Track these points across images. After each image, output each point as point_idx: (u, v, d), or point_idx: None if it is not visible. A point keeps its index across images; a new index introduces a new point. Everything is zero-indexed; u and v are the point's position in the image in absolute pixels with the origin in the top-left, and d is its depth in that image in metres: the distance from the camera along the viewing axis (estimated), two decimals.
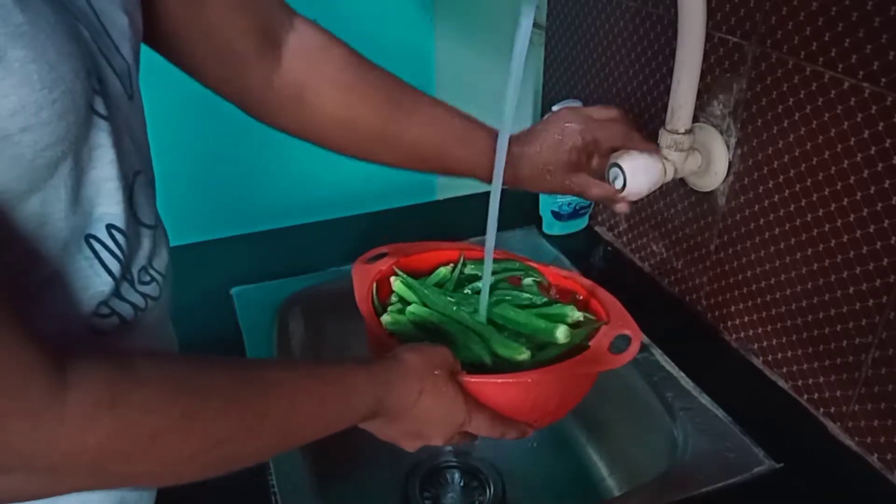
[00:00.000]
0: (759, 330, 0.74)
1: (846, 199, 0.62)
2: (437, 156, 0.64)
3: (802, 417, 0.70)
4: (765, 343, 0.74)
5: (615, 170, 0.74)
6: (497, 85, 1.48)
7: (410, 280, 0.67)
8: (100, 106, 0.39)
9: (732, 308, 0.78)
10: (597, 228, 1.00)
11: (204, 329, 0.82)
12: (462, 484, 0.83)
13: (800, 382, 0.71)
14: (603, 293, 0.65)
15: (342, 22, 1.65)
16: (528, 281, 0.70)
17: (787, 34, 0.64)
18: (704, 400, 0.71)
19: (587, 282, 0.68)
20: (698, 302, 0.83)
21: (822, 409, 0.69)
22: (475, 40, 1.42)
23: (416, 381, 0.52)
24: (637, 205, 0.90)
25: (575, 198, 0.95)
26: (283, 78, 0.58)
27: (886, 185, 0.58)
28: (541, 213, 0.98)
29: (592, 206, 0.98)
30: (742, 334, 0.77)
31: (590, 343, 0.59)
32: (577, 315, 0.63)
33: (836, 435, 0.68)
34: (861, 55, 0.57)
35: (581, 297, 0.67)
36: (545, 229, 0.98)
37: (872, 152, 0.58)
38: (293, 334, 0.86)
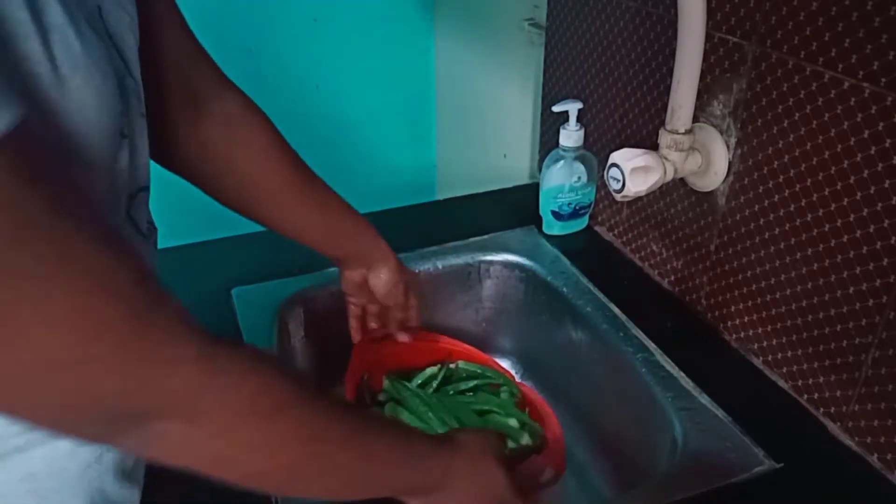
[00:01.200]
0: (759, 330, 0.74)
1: (846, 199, 0.62)
2: (323, 232, 0.69)
3: (802, 417, 0.70)
4: (765, 343, 0.74)
5: (614, 169, 0.74)
6: (496, 85, 1.49)
7: (396, 384, 0.79)
8: (125, 127, 0.40)
9: (732, 308, 0.78)
10: (597, 228, 1.00)
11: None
12: None
13: (800, 382, 0.71)
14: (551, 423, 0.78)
15: (342, 22, 1.67)
16: (504, 396, 0.82)
17: (787, 34, 0.64)
18: (704, 400, 0.71)
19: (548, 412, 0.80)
20: (698, 302, 0.83)
21: (822, 409, 0.69)
22: (475, 40, 1.42)
23: (476, 460, 0.55)
24: (637, 205, 0.90)
25: (575, 198, 0.95)
26: (194, 135, 0.60)
27: (886, 185, 0.58)
28: (541, 212, 0.98)
29: (592, 206, 0.98)
30: (742, 334, 0.77)
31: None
32: (525, 440, 0.75)
33: (836, 435, 0.68)
34: (861, 55, 0.57)
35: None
36: (545, 229, 0.98)
37: (872, 152, 0.58)
38: (293, 334, 0.86)
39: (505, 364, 0.99)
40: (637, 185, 0.73)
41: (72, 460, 0.47)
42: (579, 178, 0.94)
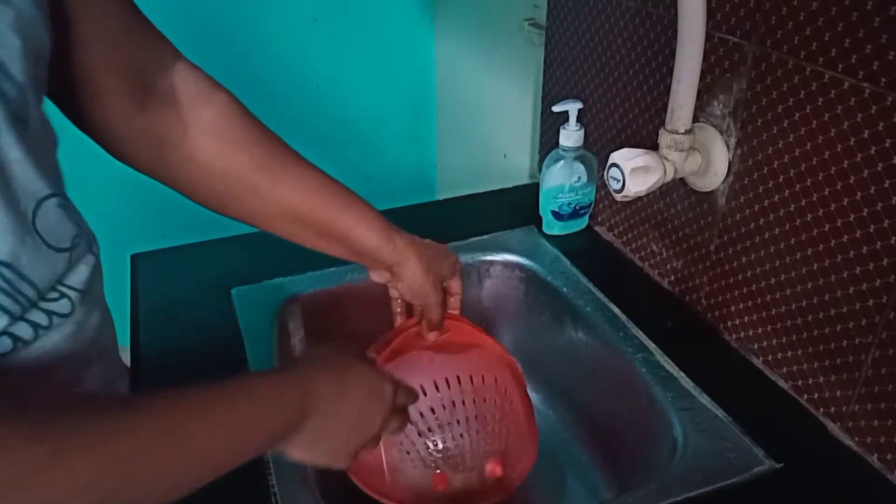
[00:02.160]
0: (759, 330, 0.74)
1: (846, 199, 0.62)
2: (315, 220, 0.61)
3: (802, 417, 0.70)
4: (765, 343, 0.74)
5: (614, 169, 0.74)
6: (496, 85, 1.50)
7: None
8: None
9: (732, 308, 0.78)
10: (597, 228, 1.00)
11: (204, 329, 0.82)
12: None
13: (800, 382, 0.71)
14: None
15: (342, 22, 1.67)
16: None
17: (787, 34, 0.64)
18: (704, 400, 0.71)
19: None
20: (698, 302, 0.83)
21: (822, 409, 0.69)
22: (475, 40, 1.42)
23: (336, 369, 0.51)
24: (637, 205, 0.90)
25: (575, 198, 0.95)
26: (147, 121, 0.54)
27: (886, 185, 0.58)
28: (541, 212, 0.98)
29: (592, 206, 0.98)
30: (742, 334, 0.77)
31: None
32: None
33: (836, 435, 0.68)
34: (861, 55, 0.57)
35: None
36: (545, 229, 0.98)
37: (872, 152, 0.58)
38: (293, 334, 0.86)
39: None
40: (637, 185, 0.73)
41: None
42: (579, 178, 0.94)
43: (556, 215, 0.97)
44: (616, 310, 0.83)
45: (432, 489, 0.73)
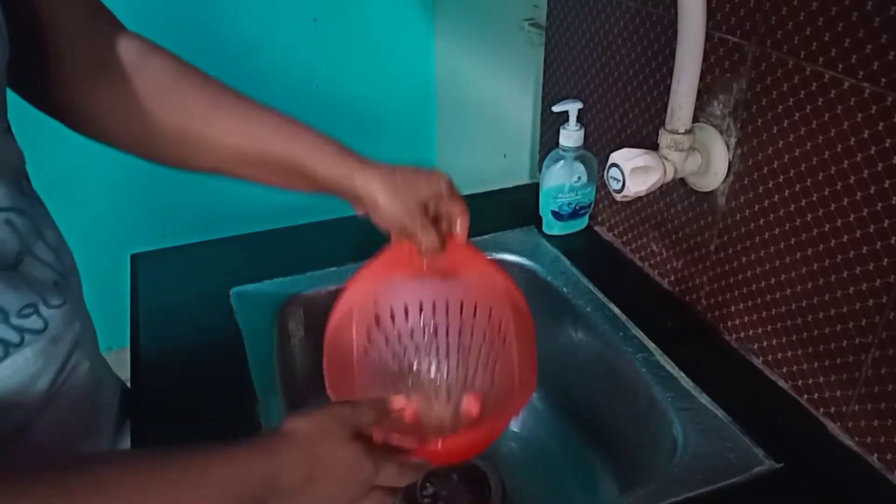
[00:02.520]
0: (759, 330, 0.74)
1: (846, 199, 0.62)
2: (267, 156, 0.60)
3: (802, 417, 0.70)
4: (765, 343, 0.74)
5: (614, 169, 0.74)
6: (496, 85, 1.49)
7: None
8: None
9: (732, 308, 0.78)
10: (597, 228, 1.00)
11: (204, 329, 0.82)
12: (462, 484, 0.83)
13: (800, 382, 0.71)
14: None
15: (342, 22, 1.67)
16: None
17: (787, 34, 0.64)
18: (704, 400, 0.71)
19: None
20: (698, 302, 0.83)
21: (822, 409, 0.69)
22: (475, 40, 1.42)
23: (305, 454, 0.47)
24: (637, 205, 0.90)
25: (575, 198, 0.95)
26: (102, 95, 0.56)
27: (886, 185, 0.58)
28: (541, 213, 0.98)
29: (592, 206, 0.98)
30: (742, 334, 0.77)
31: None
32: None
33: (836, 435, 0.68)
34: (861, 55, 0.57)
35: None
36: (545, 229, 0.98)
37: (872, 152, 0.58)
38: (293, 334, 0.86)
39: None
40: (637, 185, 0.73)
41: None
42: (579, 178, 0.94)
43: (556, 215, 0.97)
44: (616, 310, 0.83)
45: (401, 416, 0.63)
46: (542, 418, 0.92)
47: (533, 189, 1.00)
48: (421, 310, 0.65)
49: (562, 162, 0.93)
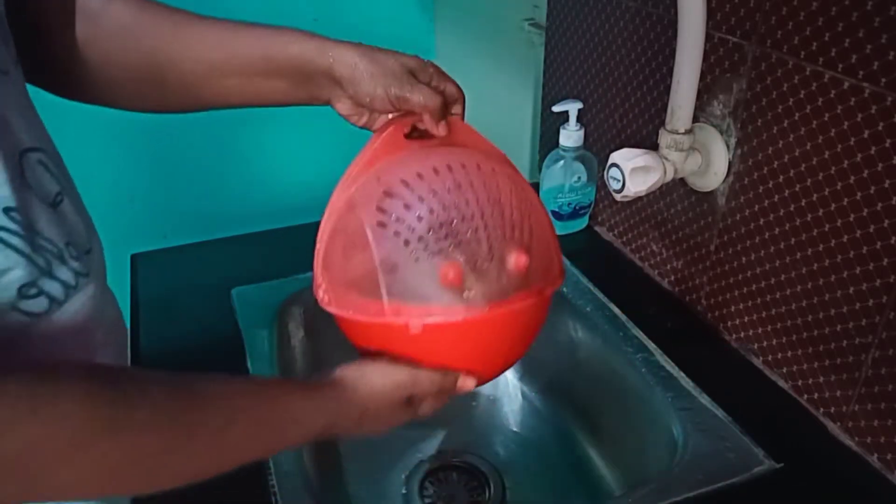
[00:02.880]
0: (759, 330, 0.74)
1: (846, 199, 0.62)
2: (250, 57, 0.59)
3: (802, 417, 0.70)
4: (765, 343, 0.74)
5: (614, 169, 0.74)
6: (496, 85, 1.49)
7: None
8: None
9: (732, 308, 0.78)
10: (597, 228, 1.00)
11: (204, 329, 0.82)
12: (462, 484, 0.83)
13: (800, 382, 0.71)
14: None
15: (342, 22, 1.66)
16: None
17: (787, 34, 0.64)
18: (704, 400, 0.71)
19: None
20: (698, 302, 0.83)
21: (822, 409, 0.69)
22: (475, 40, 1.42)
23: (359, 409, 0.52)
24: (637, 205, 0.90)
25: (575, 198, 0.95)
26: (88, 50, 0.56)
27: (886, 185, 0.58)
28: None
29: (592, 206, 0.98)
30: (742, 334, 0.77)
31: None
32: None
33: (836, 435, 0.68)
34: (861, 55, 0.57)
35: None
36: None
37: (872, 152, 0.58)
38: (293, 334, 0.86)
39: None
40: (637, 185, 0.73)
41: None
42: (579, 178, 0.94)
43: (556, 215, 0.97)
44: (616, 310, 0.83)
45: (440, 284, 0.51)
46: (542, 418, 0.92)
47: (533, 189, 1.00)
48: (437, 172, 0.54)
49: (562, 162, 0.93)
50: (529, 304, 0.54)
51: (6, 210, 0.41)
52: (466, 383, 0.56)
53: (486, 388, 0.98)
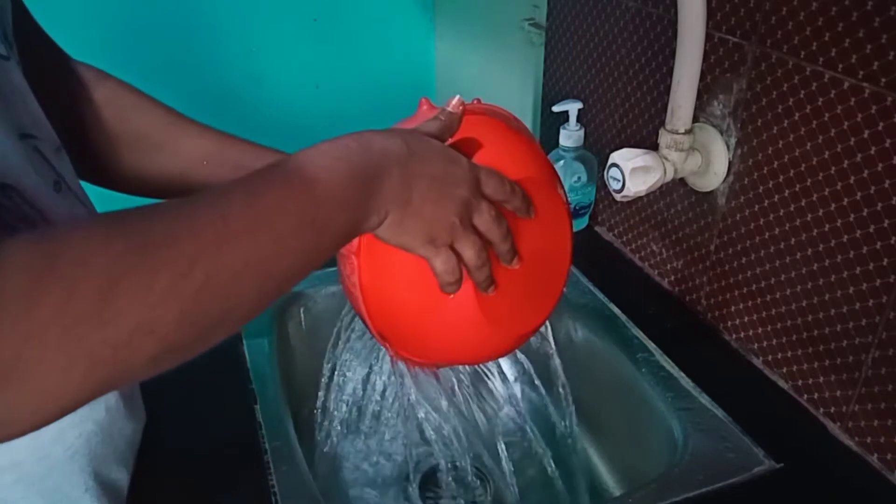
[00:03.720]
0: (759, 330, 0.74)
1: (846, 199, 0.62)
2: (230, 154, 0.59)
3: (802, 417, 0.70)
4: (765, 343, 0.74)
5: (614, 169, 0.74)
6: (496, 85, 1.49)
7: None
8: None
9: (732, 308, 0.78)
10: (597, 228, 1.00)
11: None
12: (462, 484, 0.83)
13: (800, 382, 0.71)
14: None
15: (342, 22, 1.66)
16: None
17: (787, 34, 0.64)
18: (704, 400, 0.71)
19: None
20: (698, 302, 0.83)
21: (822, 409, 0.69)
22: (475, 40, 1.42)
23: (395, 133, 0.44)
24: (637, 205, 0.90)
25: (575, 198, 0.95)
26: (74, 107, 0.57)
27: (886, 185, 0.58)
28: None
29: (592, 206, 0.98)
30: (742, 334, 0.77)
31: None
32: None
33: (836, 435, 0.68)
34: (861, 55, 0.57)
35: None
36: None
37: (872, 152, 0.58)
38: (293, 334, 0.87)
39: (505, 364, 0.99)
40: (637, 185, 0.73)
41: (57, 446, 0.47)
42: (579, 177, 0.94)
43: None
44: (616, 310, 0.83)
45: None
46: (541, 418, 0.92)
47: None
48: None
49: (562, 162, 0.93)
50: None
51: (2, 187, 0.39)
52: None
53: (486, 388, 0.98)
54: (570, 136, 0.91)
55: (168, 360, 0.35)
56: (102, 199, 0.58)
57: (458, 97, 0.50)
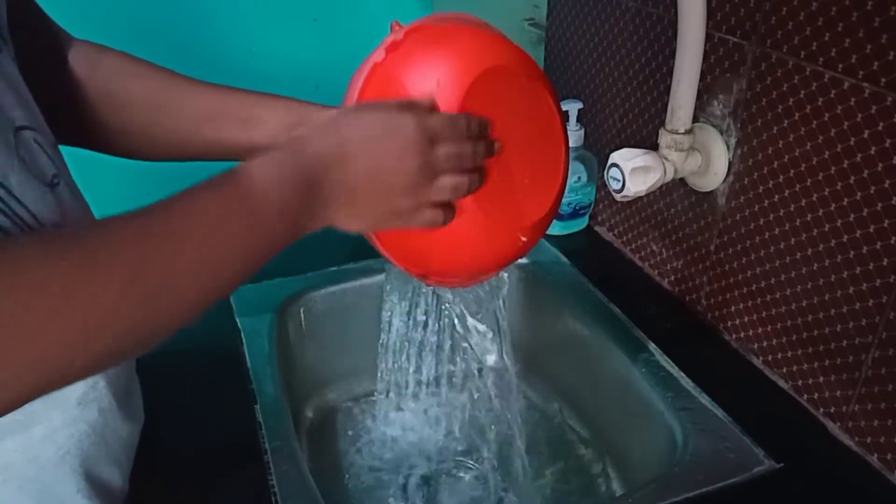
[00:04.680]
0: (759, 330, 0.74)
1: (846, 199, 0.62)
2: (236, 107, 0.59)
3: (802, 417, 0.70)
4: (765, 343, 0.74)
5: (614, 169, 0.74)
6: None
7: None
8: None
9: (732, 308, 0.78)
10: (597, 228, 1.00)
11: (202, 329, 0.81)
12: (462, 484, 0.83)
13: (800, 382, 0.71)
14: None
15: (342, 22, 1.66)
16: None
17: (787, 34, 0.64)
18: (704, 400, 0.71)
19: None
20: (698, 302, 0.83)
21: (822, 409, 0.69)
22: None
23: (327, 125, 0.44)
24: (637, 205, 0.90)
25: (575, 198, 0.95)
26: (78, 86, 0.57)
27: (886, 185, 0.58)
28: None
29: (592, 206, 0.98)
30: (742, 334, 0.77)
31: None
32: None
33: (836, 435, 0.68)
34: (861, 55, 0.57)
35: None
36: None
37: (872, 152, 0.58)
38: (293, 334, 0.86)
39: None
40: (637, 185, 0.73)
41: (48, 447, 0.47)
42: (579, 178, 0.94)
43: (557, 216, 0.97)
44: (616, 310, 0.83)
45: None
46: (541, 417, 0.92)
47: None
48: None
49: None
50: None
51: None
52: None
53: (487, 388, 0.98)
54: (569, 136, 0.90)
55: (105, 364, 0.37)
56: (97, 195, 0.58)
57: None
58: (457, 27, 0.56)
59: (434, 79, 0.50)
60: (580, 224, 1.00)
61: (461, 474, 0.84)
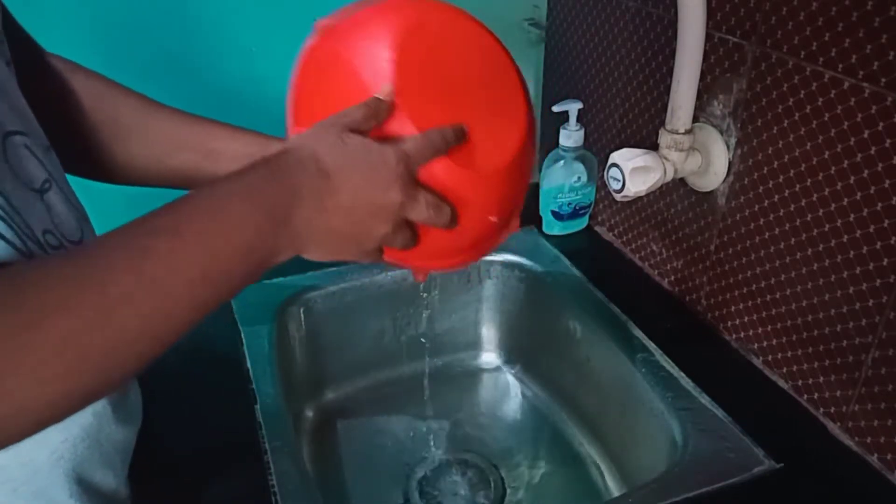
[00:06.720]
0: (759, 330, 0.74)
1: (846, 199, 0.62)
2: (199, 140, 0.59)
3: (802, 417, 0.70)
4: (765, 343, 0.74)
5: (614, 169, 0.74)
6: None
7: None
8: None
9: (732, 308, 0.78)
10: (597, 228, 1.00)
11: (202, 330, 0.81)
12: (462, 484, 0.83)
13: (800, 382, 0.71)
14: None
15: None
16: None
17: (787, 34, 0.64)
18: (704, 400, 0.71)
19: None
20: (698, 302, 0.83)
21: (822, 409, 0.69)
22: None
23: (306, 155, 0.43)
24: (637, 205, 0.90)
25: (575, 198, 0.95)
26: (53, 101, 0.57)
27: (886, 185, 0.58)
28: (541, 213, 0.98)
29: (592, 206, 0.98)
30: (742, 334, 0.77)
31: None
32: None
33: (836, 435, 0.68)
34: (861, 55, 0.57)
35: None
36: (545, 229, 0.98)
37: (872, 152, 0.58)
38: (293, 335, 0.86)
39: (505, 363, 0.99)
40: (637, 185, 0.73)
41: (41, 450, 0.47)
42: (579, 178, 0.94)
43: (556, 215, 0.97)
44: (616, 310, 0.83)
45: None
46: (541, 417, 0.92)
47: (533, 189, 1.00)
48: None
49: (562, 162, 0.93)
50: None
51: None
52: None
53: (487, 388, 0.98)
54: (570, 136, 0.91)
55: (67, 409, 0.36)
56: (92, 198, 0.58)
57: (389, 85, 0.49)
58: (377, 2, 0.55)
59: (377, 52, 0.50)
60: (580, 224, 1.00)
61: (461, 474, 0.84)
